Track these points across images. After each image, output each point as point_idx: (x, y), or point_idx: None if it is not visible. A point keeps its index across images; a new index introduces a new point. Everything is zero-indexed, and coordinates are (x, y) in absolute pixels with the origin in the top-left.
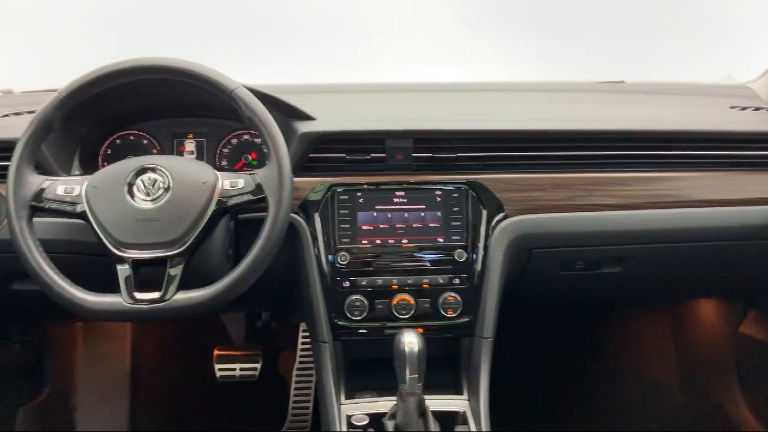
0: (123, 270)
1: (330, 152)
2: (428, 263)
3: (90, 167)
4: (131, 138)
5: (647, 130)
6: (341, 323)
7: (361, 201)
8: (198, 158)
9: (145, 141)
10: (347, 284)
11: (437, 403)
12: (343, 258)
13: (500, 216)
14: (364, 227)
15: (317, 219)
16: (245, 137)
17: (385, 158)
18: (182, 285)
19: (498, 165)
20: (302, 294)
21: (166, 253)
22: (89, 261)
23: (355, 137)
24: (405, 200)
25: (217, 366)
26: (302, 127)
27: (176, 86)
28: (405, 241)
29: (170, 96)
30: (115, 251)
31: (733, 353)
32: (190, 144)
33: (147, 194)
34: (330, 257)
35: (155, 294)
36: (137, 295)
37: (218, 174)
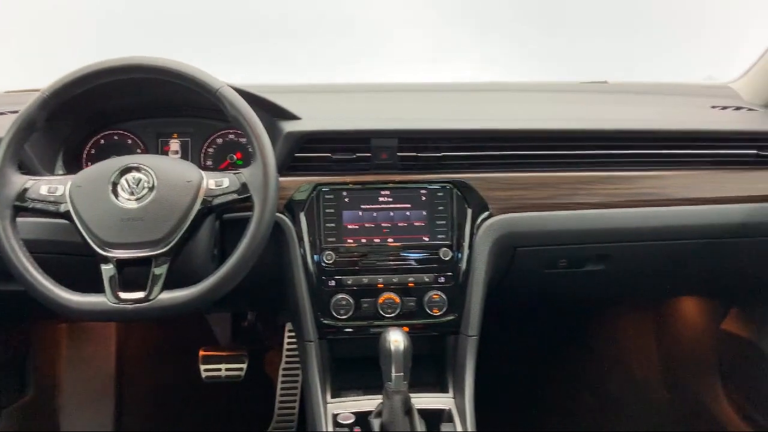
0: (107, 270)
1: (315, 152)
2: (414, 262)
3: (74, 167)
4: (115, 138)
5: (630, 130)
6: (327, 322)
7: (347, 200)
8: (183, 158)
9: (130, 141)
10: (333, 283)
11: (423, 401)
12: (329, 257)
13: (485, 215)
14: (350, 226)
15: (303, 218)
16: (230, 137)
17: (371, 158)
18: (167, 285)
19: (482, 164)
20: (288, 293)
21: (151, 253)
22: (73, 261)
23: (341, 137)
24: (390, 199)
25: (203, 366)
26: (287, 127)
27: (161, 86)
28: (390, 240)
29: (155, 95)
30: (100, 251)
31: (716, 350)
32: (175, 144)
33: (131, 194)
34: (315, 257)
35: (140, 294)
36: (122, 295)
37: (203, 173)
